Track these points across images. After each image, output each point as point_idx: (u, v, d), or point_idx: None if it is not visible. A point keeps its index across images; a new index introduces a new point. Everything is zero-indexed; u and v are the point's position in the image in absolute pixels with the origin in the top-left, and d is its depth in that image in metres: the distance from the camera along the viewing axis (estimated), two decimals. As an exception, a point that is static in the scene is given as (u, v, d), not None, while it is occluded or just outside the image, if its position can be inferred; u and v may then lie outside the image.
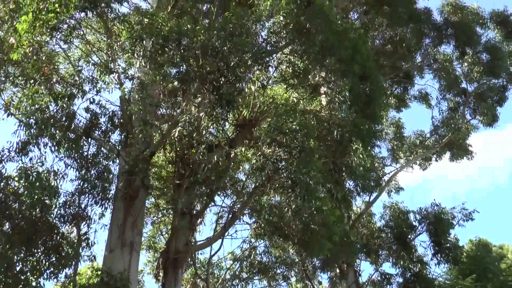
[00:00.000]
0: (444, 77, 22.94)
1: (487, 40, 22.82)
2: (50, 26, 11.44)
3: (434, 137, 23.74)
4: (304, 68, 13.63)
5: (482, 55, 22.68)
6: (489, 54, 22.44)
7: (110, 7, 12.64)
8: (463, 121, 23.45)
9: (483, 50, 22.58)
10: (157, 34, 11.60)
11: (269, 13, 12.64)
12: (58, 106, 11.56)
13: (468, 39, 21.85)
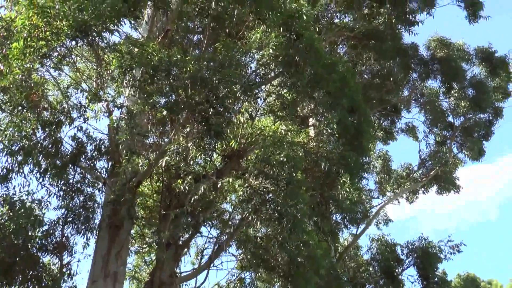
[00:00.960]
0: (431, 111, 23.22)
1: (472, 75, 23.23)
2: (41, 54, 11.46)
3: (421, 170, 23.90)
4: (293, 100, 13.71)
5: (468, 90, 23.06)
6: (474, 89, 22.82)
7: (101, 36, 12.68)
8: (450, 155, 23.66)
9: (468, 85, 22.97)
10: (147, 63, 11.63)
11: (258, 45, 12.74)
12: (45, 133, 11.51)
13: (454, 74, 22.20)
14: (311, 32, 13.43)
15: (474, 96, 22.64)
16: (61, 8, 11.36)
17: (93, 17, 11.31)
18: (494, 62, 23.15)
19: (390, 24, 20.40)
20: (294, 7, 13.17)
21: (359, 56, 21.82)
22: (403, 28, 20.85)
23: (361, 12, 20.65)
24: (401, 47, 21.37)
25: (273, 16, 12.57)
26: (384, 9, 20.44)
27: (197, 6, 13.50)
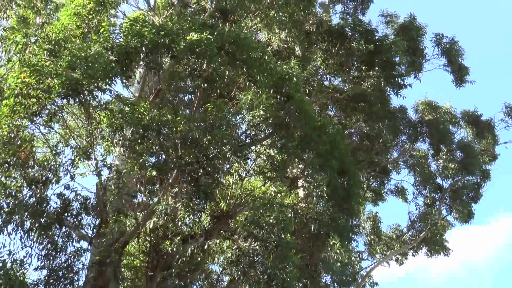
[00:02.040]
0: (420, 173, 23.31)
1: (460, 138, 23.51)
2: (31, 111, 11.45)
3: (411, 232, 23.77)
4: (283, 162, 13.71)
5: (456, 153, 23.27)
6: (462, 152, 23.04)
7: (92, 95, 12.73)
8: (440, 217, 23.59)
9: (457, 148, 23.20)
10: (138, 123, 11.64)
11: (249, 106, 12.84)
12: (31, 191, 11.36)
13: (442, 137, 22.47)
14: (301, 94, 13.61)
15: (462, 159, 22.83)
16: (53, 66, 11.44)
17: (85, 76, 11.38)
18: (481, 126, 23.52)
19: (379, 87, 20.72)
20: (284, 69, 13.39)
21: (348, 118, 22.05)
22: (391, 91, 21.18)
23: (350, 75, 21.00)
24: (389, 109, 21.66)
25: (264, 78, 12.74)
26: (373, 72, 20.79)
27: (188, 67, 13.64)
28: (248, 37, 13.40)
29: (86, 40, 13.03)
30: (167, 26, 12.74)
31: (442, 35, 22.41)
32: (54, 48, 12.12)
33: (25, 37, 12.65)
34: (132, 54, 12.43)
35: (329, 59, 20.31)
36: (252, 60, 12.75)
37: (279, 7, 16.80)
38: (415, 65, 21.49)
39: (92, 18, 14.53)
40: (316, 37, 20.25)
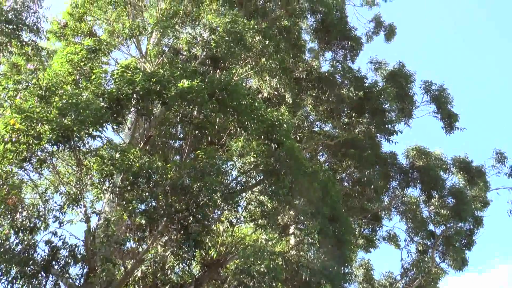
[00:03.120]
0: (412, 220, 23.19)
1: (451, 184, 23.49)
2: (21, 158, 11.38)
3: (404, 280, 23.46)
4: (274, 209, 13.62)
5: (448, 199, 23.21)
6: (454, 198, 22.98)
7: (82, 141, 12.70)
8: (433, 264, 23.34)
9: (448, 194, 23.15)
10: (128, 170, 11.59)
11: (240, 153, 12.84)
12: (18, 238, 11.16)
13: (433, 183, 22.47)
14: (292, 141, 13.64)
15: (454, 205, 22.77)
16: (44, 112, 11.44)
17: (75, 122, 11.36)
18: (472, 172, 23.58)
19: (369, 133, 20.84)
20: (275, 116, 13.44)
21: (339, 164, 22.09)
22: (382, 137, 21.31)
23: (340, 121, 21.15)
24: (380, 155, 21.73)
25: (255, 125, 12.79)
26: (363, 119, 20.95)
27: (179, 113, 13.69)
28: (239, 84, 13.50)
29: (78, 87, 13.09)
30: (158, 73, 12.84)
31: (431, 82, 22.71)
32: (45, 94, 12.15)
33: (16, 83, 12.68)
34: (123, 100, 12.48)
35: (319, 106, 20.48)
36: (243, 107, 12.82)
37: (270, 54, 17.02)
38: (405, 112, 21.69)
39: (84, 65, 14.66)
40: (306, 84, 20.48)
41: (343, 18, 22.01)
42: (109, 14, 17.66)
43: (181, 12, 17.56)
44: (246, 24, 15.77)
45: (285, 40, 19.24)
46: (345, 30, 21.58)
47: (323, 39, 21.89)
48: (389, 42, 29.29)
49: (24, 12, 15.50)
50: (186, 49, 17.91)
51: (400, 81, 21.72)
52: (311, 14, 21.84)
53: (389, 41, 29.35)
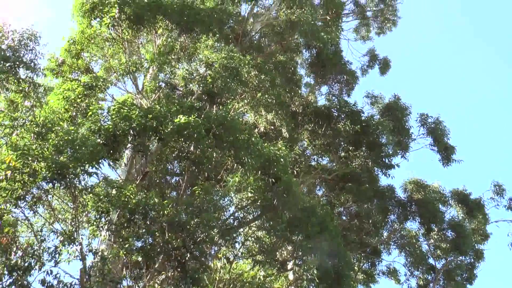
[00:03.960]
0: (411, 254, 22.93)
1: (450, 217, 23.30)
2: (16, 196, 11.26)
3: (406, 317, 23.08)
4: (271, 244, 13.48)
5: (448, 232, 22.98)
6: (454, 232, 22.75)
7: (78, 178, 12.62)
8: (435, 300, 23.00)
9: (448, 227, 22.93)
10: (124, 206, 11.48)
11: (237, 188, 12.77)
12: (12, 278, 10.95)
13: (432, 216, 22.28)
14: (289, 175, 13.58)
15: (454, 238, 22.54)
16: (40, 149, 11.38)
17: (71, 159, 11.29)
18: (470, 204, 23.44)
19: (366, 167, 20.79)
20: (272, 151, 13.42)
21: (337, 198, 21.97)
22: (379, 170, 21.25)
23: (337, 155, 21.12)
24: (378, 189, 21.63)
25: (252, 160, 12.75)
26: (360, 152, 20.92)
27: (176, 149, 13.66)
28: (235, 119, 13.53)
29: (74, 123, 13.08)
30: (155, 109, 12.86)
31: (427, 115, 22.78)
32: (41, 131, 12.11)
33: (13, 120, 12.66)
34: (119, 137, 12.46)
35: (316, 140, 20.48)
36: (240, 142, 12.81)
37: (266, 89, 17.11)
38: (402, 145, 21.69)
39: (80, 101, 14.69)
40: (303, 118, 20.51)
41: (338, 53, 22.20)
42: (105, 51, 17.78)
43: (177, 48, 17.69)
44: (242, 60, 15.89)
45: (281, 75, 19.36)
46: (340, 65, 21.76)
47: (319, 73, 22.05)
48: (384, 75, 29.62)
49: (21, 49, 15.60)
50: (182, 85, 17.98)
51: (396, 114, 21.79)
52: (306, 49, 22.06)
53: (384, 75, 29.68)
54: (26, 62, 15.45)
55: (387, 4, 30.22)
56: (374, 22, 31.04)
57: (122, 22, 15.79)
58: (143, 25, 16.35)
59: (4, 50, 15.12)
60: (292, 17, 19.32)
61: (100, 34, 16.76)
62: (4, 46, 15.22)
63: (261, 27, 21.11)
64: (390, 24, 30.68)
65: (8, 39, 15.42)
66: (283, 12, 20.09)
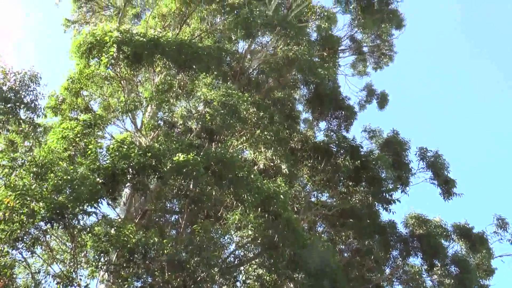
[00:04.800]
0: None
1: (453, 252, 23.01)
2: (14, 237, 11.16)
3: None
4: (273, 282, 13.30)
5: (451, 267, 22.67)
6: (457, 267, 22.42)
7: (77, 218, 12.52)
8: None
9: (451, 263, 22.62)
10: (123, 246, 11.37)
11: (237, 226, 12.68)
12: (9, 322, 10.78)
13: (435, 251, 22.02)
14: (289, 212, 13.51)
15: (458, 274, 22.20)
16: (39, 189, 11.33)
17: (70, 199, 11.23)
18: (473, 239, 23.18)
19: (367, 202, 20.68)
20: (271, 188, 13.37)
21: (338, 234, 21.78)
22: (380, 206, 21.13)
23: (337, 190, 21.04)
24: (379, 224, 21.46)
25: (251, 197, 12.70)
26: (360, 188, 20.85)
27: (175, 187, 13.60)
28: (234, 156, 13.52)
29: (73, 162, 13.05)
30: (154, 147, 12.86)
31: (426, 149, 22.77)
32: (40, 172, 12.08)
33: (11, 161, 12.63)
34: (118, 175, 12.41)
35: (315, 176, 20.43)
36: (239, 179, 12.77)
37: (264, 126, 17.15)
38: (402, 179, 21.61)
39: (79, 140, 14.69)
40: (302, 154, 20.51)
41: (335, 88, 22.39)
42: (104, 89, 17.88)
43: (176, 86, 17.80)
44: (240, 97, 15.97)
45: (279, 111, 19.46)
46: (338, 100, 21.91)
47: (317, 109, 22.17)
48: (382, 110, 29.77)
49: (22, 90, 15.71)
50: (181, 122, 18.03)
51: (395, 149, 21.81)
52: (304, 84, 22.24)
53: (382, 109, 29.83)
54: (27, 103, 15.54)
55: (383, 40, 30.56)
56: (371, 57, 31.35)
57: (120, 61, 15.90)
58: (141, 64, 16.46)
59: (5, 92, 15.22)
60: (289, 53, 19.52)
61: (98, 73, 16.87)
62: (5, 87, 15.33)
63: (259, 63, 21.32)
64: (386, 59, 30.98)
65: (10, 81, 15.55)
66: (280, 48, 20.31)
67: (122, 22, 22.20)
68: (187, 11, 20.98)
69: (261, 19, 19.25)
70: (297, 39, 19.78)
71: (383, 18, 29.01)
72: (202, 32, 21.54)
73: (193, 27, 21.88)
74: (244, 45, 22.35)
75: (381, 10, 28.92)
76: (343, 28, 29.90)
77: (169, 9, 21.31)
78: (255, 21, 19.08)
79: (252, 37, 20.25)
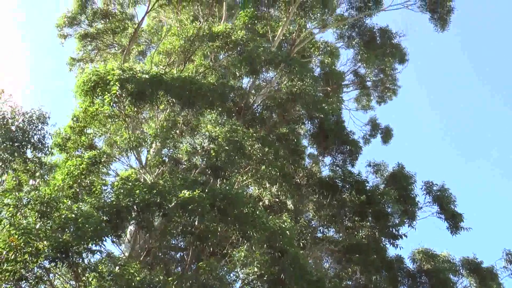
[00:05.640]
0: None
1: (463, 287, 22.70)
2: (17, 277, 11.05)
3: None
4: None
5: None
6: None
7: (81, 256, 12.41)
8: None
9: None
10: (128, 285, 11.23)
11: (243, 263, 12.54)
12: None
13: (443, 287, 21.69)
14: (296, 248, 13.38)
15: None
16: (43, 228, 11.28)
17: (74, 237, 11.15)
18: (483, 274, 22.83)
19: (373, 237, 20.47)
20: (277, 224, 13.28)
21: (345, 270, 21.49)
22: (387, 241, 20.91)
23: (343, 226, 20.86)
24: (386, 259, 21.18)
25: (257, 233, 12.61)
26: (366, 223, 20.66)
27: (180, 224, 13.51)
28: (239, 193, 13.46)
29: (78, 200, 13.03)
30: (159, 184, 12.83)
31: (432, 183, 22.63)
32: (45, 210, 12.04)
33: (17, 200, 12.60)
34: (123, 213, 12.36)
35: (321, 211, 20.29)
36: (244, 215, 12.70)
37: (269, 161, 17.11)
38: (408, 214, 21.42)
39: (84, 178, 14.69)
40: (307, 190, 20.41)
41: (340, 123, 22.39)
42: (108, 127, 17.95)
43: (180, 122, 17.86)
44: (245, 133, 16.00)
45: (284, 147, 19.44)
46: (343, 135, 21.88)
47: (322, 144, 22.13)
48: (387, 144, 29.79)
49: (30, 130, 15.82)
50: (186, 159, 18.03)
51: (401, 183, 21.68)
52: (308, 120, 22.25)
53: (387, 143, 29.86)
54: (34, 143, 15.63)
55: (387, 74, 30.77)
56: (375, 91, 31.55)
57: (124, 98, 15.99)
58: (145, 101, 16.54)
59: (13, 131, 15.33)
60: (293, 89, 19.63)
61: (102, 111, 16.97)
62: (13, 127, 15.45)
63: (263, 99, 21.41)
64: (390, 93, 31.15)
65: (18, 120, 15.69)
66: (284, 84, 20.44)
67: (127, 60, 22.44)
68: (191, 48, 21.21)
69: (265, 55, 19.42)
70: (301, 75, 19.90)
71: (386, 52, 29.26)
72: (206, 69, 21.74)
73: (197, 63, 22.10)
74: (249, 81, 22.54)
75: (384, 44, 29.19)
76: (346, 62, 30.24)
77: (173, 46, 21.56)
78: (259, 58, 19.24)
79: (256, 73, 20.40)
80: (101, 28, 25.81)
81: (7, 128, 15.28)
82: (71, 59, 26.88)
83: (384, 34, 29.23)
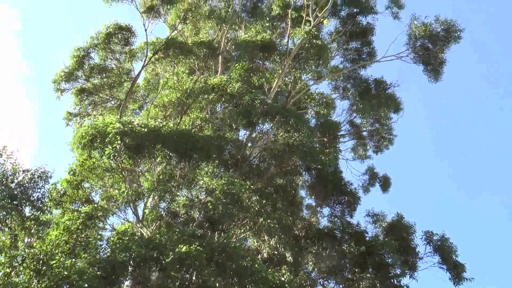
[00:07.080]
0: None
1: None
2: None
3: None
4: None
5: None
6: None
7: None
8: None
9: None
10: None
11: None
12: None
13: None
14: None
15: None
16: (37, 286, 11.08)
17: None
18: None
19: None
20: (276, 277, 13.06)
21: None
22: (388, 293, 20.53)
23: (343, 277, 20.51)
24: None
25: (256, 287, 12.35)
26: (366, 274, 20.34)
27: (177, 279, 13.27)
28: (237, 246, 13.30)
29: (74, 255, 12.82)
30: (156, 238, 12.67)
31: (432, 233, 22.35)
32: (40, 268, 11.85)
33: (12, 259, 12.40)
34: (119, 268, 12.15)
35: (320, 263, 20.00)
36: (243, 269, 12.49)
37: (267, 214, 16.94)
38: (409, 264, 21.11)
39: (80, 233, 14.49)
40: (306, 241, 20.20)
41: (337, 173, 22.36)
42: (105, 180, 17.87)
43: (177, 175, 17.79)
44: (242, 185, 15.90)
45: (282, 198, 19.32)
46: (340, 185, 21.81)
47: (320, 195, 22.03)
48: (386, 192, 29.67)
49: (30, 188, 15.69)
50: (183, 212, 17.87)
51: (400, 233, 21.47)
52: (305, 171, 22.21)
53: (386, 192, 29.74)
54: (33, 201, 15.48)
55: (382, 124, 30.94)
56: (371, 141, 31.63)
57: (122, 152, 15.97)
58: (143, 154, 16.53)
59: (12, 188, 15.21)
60: (290, 140, 19.66)
61: (100, 164, 16.92)
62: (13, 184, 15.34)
63: (260, 151, 21.42)
64: (386, 143, 31.23)
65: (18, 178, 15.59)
66: (280, 136, 20.47)
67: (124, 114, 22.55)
68: (187, 101, 21.38)
69: (261, 107, 19.54)
70: (297, 126, 19.98)
71: (381, 102, 29.51)
72: (202, 121, 21.84)
73: (193, 116, 22.22)
74: (245, 133, 22.60)
75: (379, 95, 29.48)
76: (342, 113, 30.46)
77: (170, 99, 21.72)
78: (256, 110, 19.36)
79: (253, 125, 20.48)
80: (97, 83, 26.01)
81: (6, 185, 15.16)
82: (68, 114, 26.95)
83: (379, 85, 29.57)
